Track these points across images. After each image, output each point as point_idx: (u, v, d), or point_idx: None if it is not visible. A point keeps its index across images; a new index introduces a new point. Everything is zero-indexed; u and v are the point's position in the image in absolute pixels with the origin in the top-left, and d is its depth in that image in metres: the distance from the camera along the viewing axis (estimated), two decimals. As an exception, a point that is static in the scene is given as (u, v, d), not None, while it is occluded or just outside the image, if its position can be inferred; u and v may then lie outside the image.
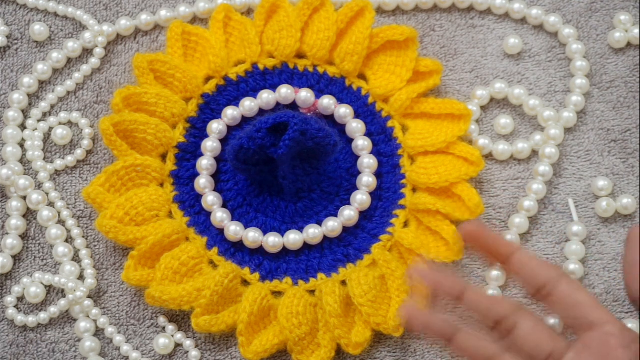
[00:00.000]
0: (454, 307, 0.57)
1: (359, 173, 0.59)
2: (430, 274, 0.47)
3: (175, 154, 0.60)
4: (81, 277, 0.58)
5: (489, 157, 0.61)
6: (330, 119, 0.61)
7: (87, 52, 0.62)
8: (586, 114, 0.62)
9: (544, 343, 0.45)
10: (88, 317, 0.57)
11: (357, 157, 0.60)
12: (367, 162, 0.59)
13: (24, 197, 0.59)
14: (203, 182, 0.58)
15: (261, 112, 0.60)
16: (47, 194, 0.59)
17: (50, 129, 0.61)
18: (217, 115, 0.60)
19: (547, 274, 0.46)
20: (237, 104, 0.60)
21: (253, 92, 0.61)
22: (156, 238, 0.56)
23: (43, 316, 0.57)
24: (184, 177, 0.59)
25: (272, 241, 0.57)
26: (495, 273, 0.58)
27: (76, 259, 0.58)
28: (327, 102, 0.60)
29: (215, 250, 0.58)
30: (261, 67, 0.61)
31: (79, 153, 0.60)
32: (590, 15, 0.64)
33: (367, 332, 0.55)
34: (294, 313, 0.55)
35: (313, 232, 0.58)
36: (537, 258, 0.46)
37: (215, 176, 0.59)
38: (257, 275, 0.57)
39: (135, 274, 0.55)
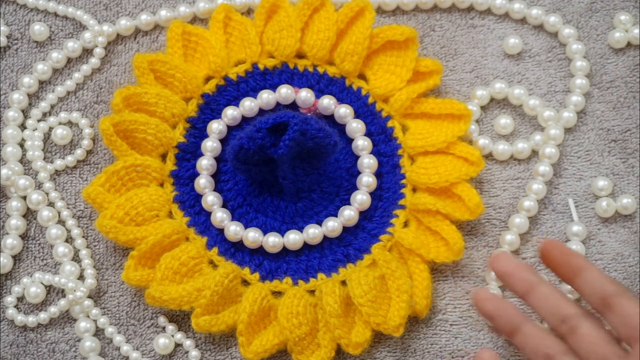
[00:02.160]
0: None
1: (359, 173, 0.59)
2: (507, 261, 0.49)
3: (175, 154, 0.60)
4: (81, 277, 0.58)
5: (489, 157, 0.61)
6: (330, 119, 0.61)
7: (87, 52, 0.62)
8: (586, 114, 0.62)
9: (600, 347, 0.46)
10: (88, 317, 0.57)
11: (357, 157, 0.60)
12: (367, 162, 0.59)
13: (24, 197, 0.59)
14: (203, 182, 0.58)
15: (261, 112, 0.60)
16: (47, 194, 0.59)
17: (50, 129, 0.61)
18: (217, 115, 0.60)
19: (613, 287, 0.47)
20: (237, 104, 0.60)
21: (253, 92, 0.61)
22: (156, 238, 0.56)
23: (43, 316, 0.57)
24: (184, 177, 0.59)
25: (272, 241, 0.57)
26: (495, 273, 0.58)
27: (76, 259, 0.58)
28: (327, 102, 0.60)
29: (215, 250, 0.58)
30: (261, 67, 0.61)
31: (79, 153, 0.60)
32: (590, 15, 0.64)
33: (367, 332, 0.55)
34: (294, 313, 0.55)
35: (313, 232, 0.58)
36: (604, 273, 0.48)
37: (215, 176, 0.59)
38: (257, 275, 0.57)
39: (135, 274, 0.55)
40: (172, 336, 0.57)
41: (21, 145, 0.60)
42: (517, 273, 0.49)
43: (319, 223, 0.58)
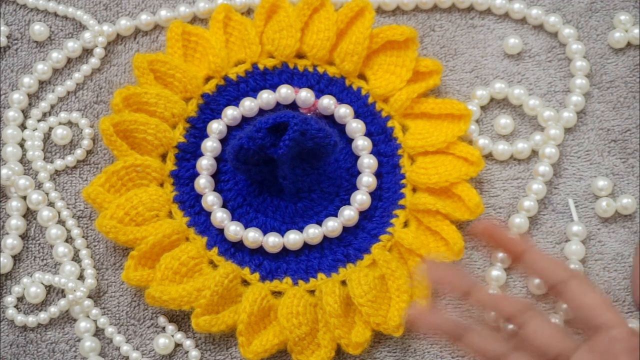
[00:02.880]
0: (457, 304, 0.57)
1: (359, 173, 0.59)
2: (439, 269, 0.48)
3: (175, 154, 0.60)
4: (81, 277, 0.58)
5: (489, 157, 0.61)
6: (330, 119, 0.61)
7: (87, 52, 0.62)
8: (586, 114, 0.62)
9: (552, 342, 0.45)
10: (88, 317, 0.57)
11: (357, 157, 0.60)
12: (367, 162, 0.59)
13: (24, 197, 0.59)
14: (203, 182, 0.58)
15: (261, 112, 0.60)
16: (47, 194, 0.59)
17: (50, 129, 0.61)
18: (217, 115, 0.60)
19: (558, 274, 0.46)
20: (237, 104, 0.60)
21: (253, 92, 0.61)
22: (156, 238, 0.56)
23: (43, 316, 0.57)
24: (184, 177, 0.59)
25: (272, 241, 0.57)
26: (495, 273, 0.58)
27: (76, 259, 0.58)
28: (327, 102, 0.60)
29: (215, 250, 0.58)
30: (261, 67, 0.61)
31: (79, 153, 0.60)
32: (590, 15, 0.64)
33: (367, 332, 0.55)
34: (294, 313, 0.55)
35: (313, 232, 0.58)
36: (548, 257, 0.46)
37: (215, 176, 0.59)
38: (257, 275, 0.57)
39: (135, 274, 0.55)
40: (172, 336, 0.57)
41: (21, 145, 0.60)
42: (454, 279, 0.47)
43: (319, 223, 0.58)
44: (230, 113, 0.60)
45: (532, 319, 0.45)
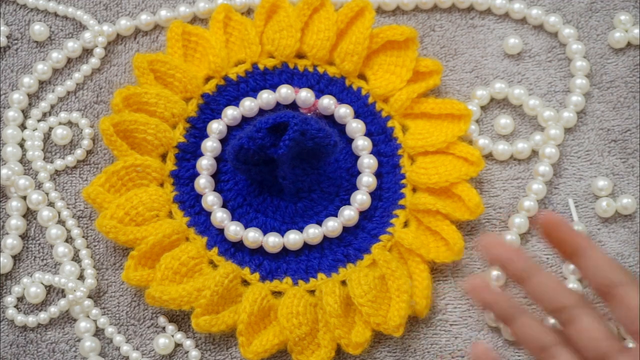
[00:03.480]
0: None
1: (359, 173, 0.59)
2: (504, 247, 0.46)
3: (175, 154, 0.60)
4: (81, 277, 0.58)
5: (489, 157, 0.61)
6: (330, 119, 0.61)
7: (87, 52, 0.62)
8: (586, 114, 0.62)
9: (599, 342, 0.44)
10: (88, 317, 0.57)
11: (357, 157, 0.60)
12: (367, 162, 0.59)
13: (24, 197, 0.59)
14: (203, 182, 0.58)
15: (261, 112, 0.60)
16: (47, 194, 0.59)
17: (50, 129, 0.61)
18: (217, 115, 0.60)
19: (615, 276, 0.45)
20: (237, 104, 0.60)
21: (253, 92, 0.61)
22: (156, 238, 0.56)
23: (43, 316, 0.57)
24: (184, 177, 0.59)
25: (272, 241, 0.57)
26: (495, 273, 0.58)
27: (76, 259, 0.58)
28: (327, 102, 0.60)
29: (215, 250, 0.58)
30: (261, 67, 0.61)
31: (79, 153, 0.60)
32: (590, 15, 0.64)
33: (367, 332, 0.55)
34: (294, 313, 0.55)
35: (313, 232, 0.58)
36: (607, 257, 0.45)
37: (215, 176, 0.59)
38: (257, 275, 0.57)
39: (135, 274, 0.55)
40: (172, 336, 0.57)
41: (21, 145, 0.60)
42: (514, 259, 0.46)
43: (319, 223, 0.58)
44: (230, 113, 0.60)
45: (584, 315, 0.44)
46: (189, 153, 0.60)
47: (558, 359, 0.45)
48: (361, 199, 0.58)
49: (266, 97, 0.60)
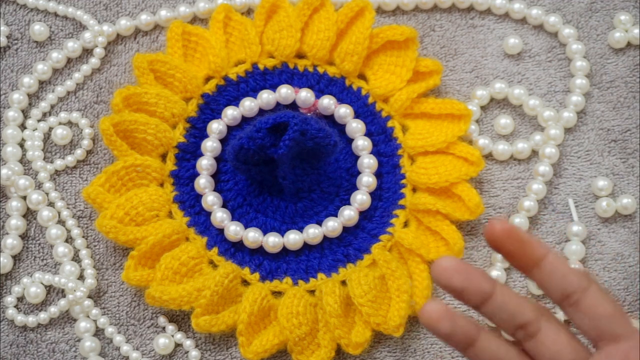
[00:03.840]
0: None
1: (359, 173, 0.59)
2: (462, 266, 0.42)
3: (175, 154, 0.60)
4: (81, 277, 0.58)
5: (489, 157, 0.61)
6: (330, 119, 0.61)
7: (87, 52, 0.62)
8: (586, 114, 0.62)
9: (565, 352, 0.43)
10: (88, 317, 0.57)
11: (357, 157, 0.60)
12: (367, 162, 0.59)
13: (24, 197, 0.59)
14: (203, 182, 0.58)
15: (261, 112, 0.60)
16: (47, 194, 0.59)
17: (50, 129, 0.61)
18: (217, 115, 0.60)
19: (578, 281, 0.42)
20: (237, 104, 0.60)
21: (253, 92, 0.61)
22: (156, 238, 0.56)
23: (43, 316, 0.57)
24: (184, 177, 0.59)
25: (272, 241, 0.57)
26: (495, 273, 0.58)
27: (76, 259, 0.58)
28: (327, 102, 0.60)
29: (215, 250, 0.58)
30: (261, 67, 0.61)
31: (79, 153, 0.60)
32: (590, 15, 0.64)
33: (367, 332, 0.55)
34: (294, 313, 0.55)
35: (313, 232, 0.58)
36: (567, 264, 0.43)
37: (215, 176, 0.59)
38: (257, 275, 0.57)
39: (135, 274, 0.55)
40: (172, 336, 0.57)
41: (21, 145, 0.60)
42: (470, 285, 0.42)
43: (319, 223, 0.58)
44: (230, 113, 0.60)
45: (548, 327, 0.43)
46: (189, 153, 0.60)
47: None
48: (361, 199, 0.58)
49: (266, 97, 0.60)
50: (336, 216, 0.58)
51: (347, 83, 0.61)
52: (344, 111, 0.60)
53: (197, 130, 0.60)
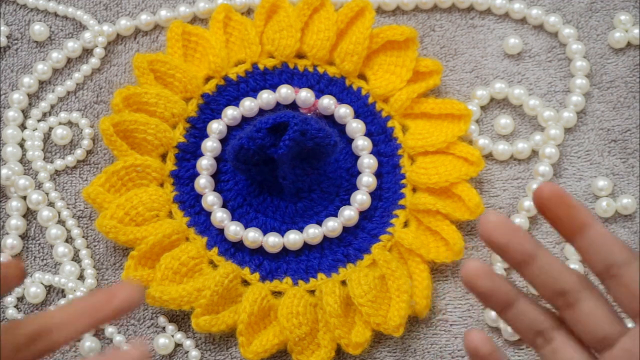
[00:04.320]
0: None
1: (359, 173, 0.59)
2: (506, 224, 0.42)
3: (175, 154, 0.60)
4: (81, 277, 0.58)
5: (489, 157, 0.61)
6: (330, 119, 0.61)
7: (87, 52, 0.62)
8: (586, 114, 0.62)
9: (600, 325, 0.42)
10: (88, 317, 0.57)
11: (357, 157, 0.60)
12: (367, 162, 0.59)
13: (24, 197, 0.59)
14: (203, 182, 0.58)
15: (261, 112, 0.60)
16: (47, 194, 0.59)
17: (50, 129, 0.61)
18: (217, 115, 0.60)
19: (622, 254, 0.42)
20: (237, 104, 0.60)
21: (253, 92, 0.61)
22: (156, 238, 0.56)
23: (43, 316, 0.57)
24: (184, 177, 0.59)
25: (272, 241, 0.57)
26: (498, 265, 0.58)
27: (76, 259, 0.58)
28: (327, 102, 0.60)
29: (215, 250, 0.58)
30: (261, 67, 0.61)
31: (79, 153, 0.60)
32: (590, 15, 0.64)
33: (367, 332, 0.55)
34: (294, 313, 0.55)
35: (313, 232, 0.58)
36: (611, 235, 0.42)
37: (215, 176, 0.59)
38: (257, 275, 0.57)
39: (135, 274, 0.55)
40: (172, 336, 0.57)
41: (21, 145, 0.60)
42: (512, 243, 0.42)
43: (319, 223, 0.58)
44: (230, 113, 0.60)
45: (588, 298, 0.42)
46: (189, 153, 0.60)
47: (554, 342, 0.43)
48: (361, 199, 0.58)
49: (266, 97, 0.60)
50: (336, 216, 0.58)
51: (347, 83, 0.61)
52: (344, 111, 0.60)
53: (197, 130, 0.60)
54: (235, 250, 0.58)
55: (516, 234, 0.42)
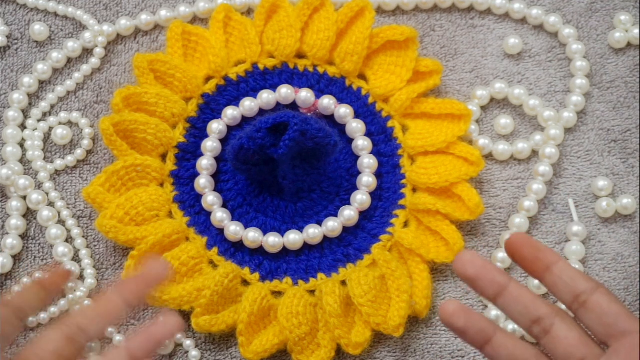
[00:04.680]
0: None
1: (359, 173, 0.59)
2: (479, 261, 0.46)
3: (175, 154, 0.60)
4: (81, 277, 0.58)
5: (489, 157, 0.61)
6: (330, 119, 0.61)
7: (87, 52, 0.62)
8: (586, 114, 0.62)
9: (576, 348, 0.44)
10: (88, 317, 0.57)
11: (357, 157, 0.60)
12: (367, 162, 0.59)
13: (24, 197, 0.59)
14: (203, 182, 0.58)
15: (261, 112, 0.60)
16: (47, 194, 0.59)
17: (50, 128, 0.61)
18: (217, 115, 0.60)
19: (586, 283, 0.45)
20: (237, 104, 0.60)
21: (253, 92, 0.61)
22: (156, 238, 0.56)
23: (43, 316, 0.57)
24: (184, 177, 0.59)
25: (272, 241, 0.57)
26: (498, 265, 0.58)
27: (76, 259, 0.58)
28: (327, 102, 0.60)
29: (215, 250, 0.58)
30: (261, 67, 0.61)
31: (79, 153, 0.60)
32: (591, 15, 0.64)
33: (367, 332, 0.55)
34: (294, 313, 0.55)
35: (313, 232, 0.58)
36: (575, 269, 0.46)
37: (215, 176, 0.59)
38: (257, 275, 0.57)
39: (135, 274, 0.55)
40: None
41: (21, 145, 0.60)
42: (484, 276, 0.45)
43: (319, 223, 0.58)
44: (231, 113, 0.60)
45: (560, 323, 0.45)
46: (189, 153, 0.60)
47: None
48: (361, 199, 0.58)
49: (266, 97, 0.60)
50: (336, 216, 0.58)
51: (347, 83, 0.61)
52: (344, 111, 0.60)
53: (197, 130, 0.60)
54: (235, 250, 0.58)
55: (486, 268, 0.46)
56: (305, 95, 0.60)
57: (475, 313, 0.45)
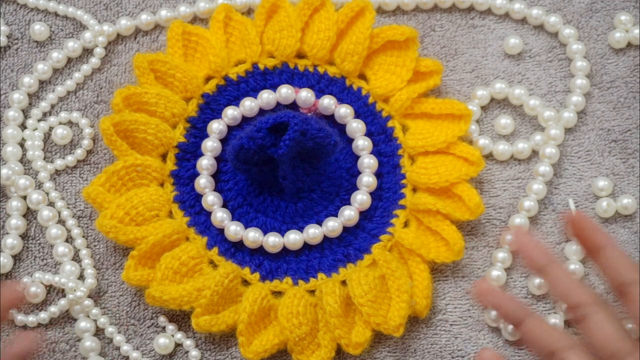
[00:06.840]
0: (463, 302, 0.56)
1: (359, 173, 0.59)
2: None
3: (175, 153, 0.60)
4: (81, 277, 0.58)
5: (489, 157, 0.61)
6: (330, 119, 0.61)
7: (87, 52, 0.62)
8: (586, 114, 0.62)
9: (611, 342, 0.45)
10: (88, 317, 0.57)
11: (357, 157, 0.60)
12: (367, 162, 0.59)
13: (24, 197, 0.59)
14: (203, 182, 0.58)
15: (261, 112, 0.60)
16: (47, 193, 0.59)
17: (51, 128, 0.61)
18: (217, 115, 0.60)
19: (629, 275, 0.46)
20: (237, 104, 0.60)
21: (253, 92, 0.61)
22: (156, 238, 0.56)
23: (43, 316, 0.57)
24: (184, 177, 0.59)
25: (272, 241, 0.57)
26: (495, 273, 0.58)
27: (76, 258, 0.58)
28: (328, 102, 0.60)
29: (215, 250, 0.58)
30: (261, 67, 0.61)
31: (79, 153, 0.60)
32: (591, 15, 0.64)
33: (367, 332, 0.55)
34: (294, 313, 0.55)
35: (313, 232, 0.58)
36: (626, 256, 0.47)
37: (216, 176, 0.59)
38: (257, 275, 0.57)
39: (135, 273, 0.55)
40: (172, 336, 0.57)
41: (21, 145, 0.60)
42: (536, 252, 0.48)
43: (319, 223, 0.58)
44: (231, 113, 0.60)
45: (597, 313, 0.45)
46: (189, 153, 0.60)
47: None
48: (361, 199, 0.58)
49: (266, 97, 0.60)
50: (336, 216, 0.58)
51: (348, 83, 0.61)
52: (344, 111, 0.60)
53: (197, 130, 0.60)
54: (236, 250, 0.58)
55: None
56: (305, 95, 0.60)
57: (507, 295, 0.48)
